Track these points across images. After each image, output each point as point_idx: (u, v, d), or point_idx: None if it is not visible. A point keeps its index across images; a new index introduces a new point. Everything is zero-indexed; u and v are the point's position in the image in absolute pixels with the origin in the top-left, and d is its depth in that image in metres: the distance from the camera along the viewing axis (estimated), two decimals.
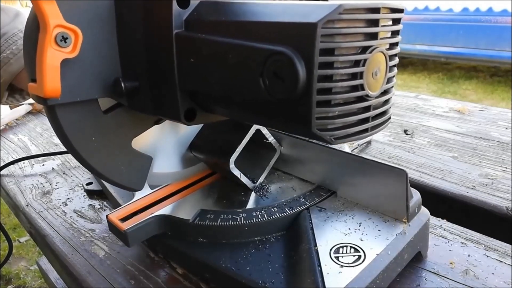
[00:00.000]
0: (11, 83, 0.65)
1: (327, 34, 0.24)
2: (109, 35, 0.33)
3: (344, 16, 0.24)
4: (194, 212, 0.39)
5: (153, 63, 0.33)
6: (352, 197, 0.41)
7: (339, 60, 0.25)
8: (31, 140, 0.81)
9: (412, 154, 0.60)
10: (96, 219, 0.51)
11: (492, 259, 0.38)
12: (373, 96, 0.27)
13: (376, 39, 0.27)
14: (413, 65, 3.88)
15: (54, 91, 0.29)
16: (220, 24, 0.29)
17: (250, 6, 0.29)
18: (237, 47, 0.27)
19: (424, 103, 0.82)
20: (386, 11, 0.27)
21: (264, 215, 0.38)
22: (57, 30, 0.28)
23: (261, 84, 0.26)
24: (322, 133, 0.26)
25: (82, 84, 0.33)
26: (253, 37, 0.27)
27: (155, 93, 0.34)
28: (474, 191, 0.50)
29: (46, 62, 0.28)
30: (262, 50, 0.26)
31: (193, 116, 0.34)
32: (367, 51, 0.26)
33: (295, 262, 0.34)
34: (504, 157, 0.57)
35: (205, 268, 0.37)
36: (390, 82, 0.30)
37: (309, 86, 0.24)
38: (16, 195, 0.60)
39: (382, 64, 0.28)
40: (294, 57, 0.24)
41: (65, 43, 0.29)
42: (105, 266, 0.42)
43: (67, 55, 0.29)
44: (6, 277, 1.59)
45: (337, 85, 0.25)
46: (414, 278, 0.36)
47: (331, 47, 0.24)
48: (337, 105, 0.26)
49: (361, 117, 0.27)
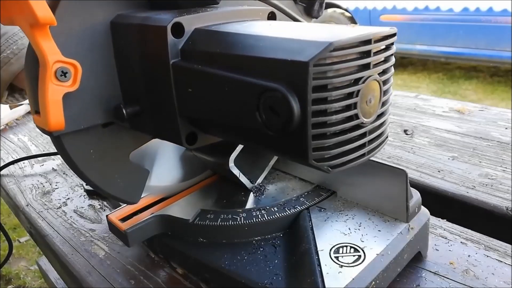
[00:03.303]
0: (11, 83, 0.65)
1: (318, 72, 0.24)
2: (107, 62, 0.34)
3: (335, 53, 0.24)
4: (194, 212, 0.40)
5: (152, 90, 0.33)
6: (352, 197, 0.41)
7: (332, 95, 0.25)
8: (31, 140, 0.81)
9: (412, 154, 0.60)
10: (96, 219, 0.51)
11: (492, 259, 0.38)
12: (368, 122, 0.28)
13: (369, 69, 0.27)
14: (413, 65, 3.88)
15: (58, 125, 0.30)
16: (215, 56, 0.29)
17: (243, 38, 0.29)
18: (233, 80, 0.28)
19: (424, 103, 0.82)
20: (378, 39, 0.27)
21: (264, 215, 0.38)
22: (57, 66, 0.28)
23: (258, 118, 0.27)
24: (319, 163, 0.26)
25: (85, 113, 0.33)
26: (247, 72, 0.27)
27: (156, 118, 0.34)
28: (474, 191, 0.49)
29: (48, 98, 0.29)
30: (256, 86, 0.26)
31: (195, 139, 0.34)
32: (360, 82, 0.26)
33: (295, 262, 0.34)
34: (504, 157, 0.57)
35: (205, 268, 0.37)
36: (385, 105, 0.29)
37: (304, 121, 0.25)
38: (16, 195, 0.60)
39: (376, 90, 0.28)
40: (288, 94, 0.24)
41: (65, 77, 0.29)
42: (105, 266, 0.42)
43: (68, 89, 0.30)
44: (6, 277, 1.59)
45: (332, 118, 0.25)
46: (414, 278, 0.36)
47: (324, 84, 0.24)
48: (332, 136, 0.26)
49: (357, 144, 0.28)
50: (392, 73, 0.30)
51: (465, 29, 3.11)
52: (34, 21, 0.26)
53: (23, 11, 0.27)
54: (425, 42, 3.36)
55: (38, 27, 0.27)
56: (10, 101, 0.70)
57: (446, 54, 3.37)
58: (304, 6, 0.48)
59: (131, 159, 0.38)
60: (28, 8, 0.26)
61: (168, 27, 0.30)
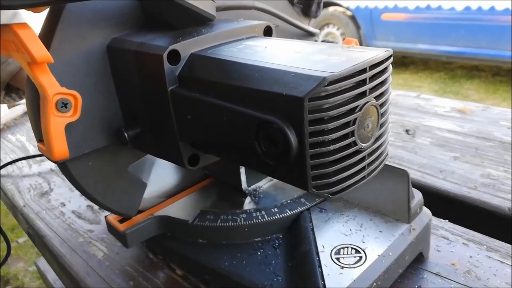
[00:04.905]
0: (8, 82, 0.65)
1: (314, 106, 0.24)
2: (106, 86, 0.34)
3: (330, 87, 0.24)
4: (194, 213, 0.39)
5: (152, 114, 0.34)
6: (353, 197, 0.41)
7: (329, 127, 0.25)
8: (29, 140, 0.81)
9: (414, 154, 0.60)
10: (94, 220, 0.51)
11: (494, 260, 0.38)
12: (367, 147, 0.28)
13: (365, 96, 0.26)
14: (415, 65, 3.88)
15: (62, 154, 0.31)
16: (212, 85, 0.29)
17: (239, 68, 0.28)
18: (230, 110, 0.28)
19: (426, 103, 0.82)
20: (373, 65, 0.26)
21: (265, 215, 0.38)
22: (57, 98, 0.29)
23: (257, 147, 0.27)
24: (320, 191, 0.26)
25: (87, 138, 0.34)
26: (244, 103, 0.27)
27: (157, 140, 0.35)
28: (476, 192, 0.49)
29: (51, 130, 0.29)
30: (253, 118, 0.26)
31: (197, 161, 0.34)
32: (356, 110, 0.26)
33: (295, 263, 0.34)
34: (506, 157, 0.57)
35: (205, 269, 0.37)
36: (383, 126, 0.29)
37: (302, 153, 0.25)
38: (14, 195, 0.60)
39: (374, 115, 0.27)
40: (285, 127, 0.24)
41: (66, 108, 0.30)
42: (104, 267, 0.42)
43: (69, 119, 0.30)
44: (4, 278, 1.59)
45: (330, 148, 0.25)
46: (416, 279, 0.36)
47: (320, 117, 0.24)
48: (331, 164, 0.26)
49: (357, 169, 0.27)
50: (390, 94, 0.29)
51: (467, 28, 3.11)
52: (31, 60, 0.27)
53: (19, 50, 0.27)
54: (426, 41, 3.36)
55: (36, 65, 0.28)
56: (7, 100, 0.70)
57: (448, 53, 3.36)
58: (302, 7, 0.48)
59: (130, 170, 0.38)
60: (25, 48, 0.27)
61: (164, 55, 0.30)
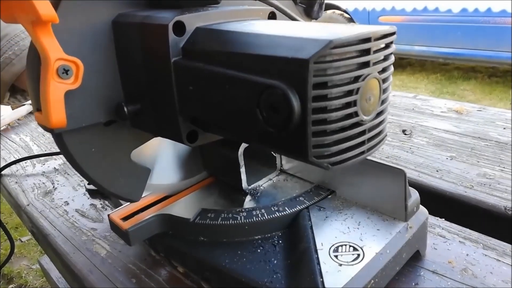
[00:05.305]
0: (13, 84, 0.65)
1: (319, 69, 0.24)
2: (109, 61, 0.34)
3: (335, 51, 0.24)
4: (195, 211, 0.40)
5: (153, 88, 0.34)
6: (351, 196, 0.41)
7: (332, 93, 0.25)
8: (33, 140, 0.82)
9: (411, 154, 0.61)
10: (97, 218, 0.52)
11: (490, 258, 0.39)
12: (368, 120, 0.28)
13: (369, 67, 0.27)
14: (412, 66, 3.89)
15: (60, 122, 0.30)
16: (216, 54, 0.30)
17: (244, 37, 0.29)
18: (233, 78, 0.28)
19: (423, 104, 0.83)
20: (377, 38, 0.27)
21: (264, 214, 0.39)
22: (58, 63, 0.28)
23: (259, 115, 0.27)
24: (319, 160, 0.26)
25: (86, 111, 0.33)
26: (247, 69, 0.27)
27: (157, 116, 0.35)
28: (472, 191, 0.50)
29: (50, 96, 0.29)
30: (257, 84, 0.26)
31: (195, 138, 0.34)
32: (359, 80, 0.26)
33: (295, 260, 0.35)
34: (502, 157, 0.58)
35: (206, 267, 0.38)
36: (384, 103, 0.30)
37: (304, 118, 0.25)
38: (18, 194, 0.60)
39: (376, 88, 0.28)
40: (288, 91, 0.24)
41: (66, 75, 0.29)
42: (107, 265, 0.43)
43: (69, 86, 0.30)
44: (7, 276, 1.59)
45: (332, 115, 0.25)
46: (413, 277, 0.37)
47: (324, 81, 0.25)
48: (332, 133, 0.26)
49: (357, 142, 0.28)
50: (392, 72, 0.30)
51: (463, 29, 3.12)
52: (36, 19, 0.26)
53: (25, 9, 0.27)
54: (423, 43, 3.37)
55: (40, 25, 0.27)
56: (12, 102, 0.70)
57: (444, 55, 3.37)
58: (304, 7, 0.48)
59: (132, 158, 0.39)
60: (30, 6, 0.26)
61: (169, 25, 0.30)
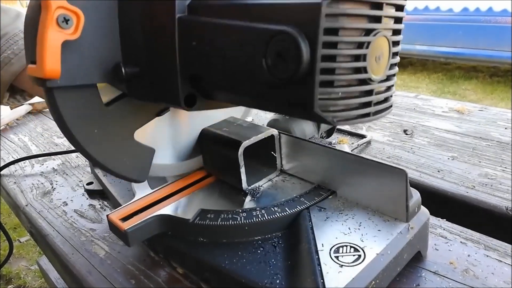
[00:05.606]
0: (12, 84, 0.65)
1: (331, 14, 0.24)
2: (111, 19, 0.33)
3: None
4: (195, 211, 0.40)
5: (155, 48, 0.33)
6: (352, 197, 0.41)
7: (343, 41, 0.25)
8: (32, 140, 0.81)
9: (412, 154, 0.60)
10: (96, 219, 0.51)
11: (492, 258, 0.38)
12: (376, 80, 0.27)
13: (380, 22, 0.26)
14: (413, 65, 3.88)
15: (54, 72, 0.29)
16: (223, 7, 0.29)
17: None
18: (241, 28, 0.27)
19: (424, 103, 0.83)
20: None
21: (264, 214, 0.38)
22: (59, 12, 0.28)
23: (264, 65, 0.26)
24: (324, 114, 0.26)
25: (82, 68, 0.32)
26: (256, 19, 0.27)
27: (156, 78, 0.34)
28: (473, 191, 0.50)
29: (47, 42, 0.28)
30: (266, 30, 0.26)
31: (193, 101, 0.34)
32: (370, 34, 0.26)
33: (295, 261, 0.34)
34: (503, 157, 0.57)
35: (205, 268, 0.37)
36: (393, 68, 0.29)
37: (312, 66, 0.24)
38: (16, 195, 0.60)
39: (385, 49, 0.28)
40: (298, 36, 0.24)
41: (66, 24, 0.28)
42: (106, 265, 0.42)
43: (68, 36, 0.29)
44: (6, 277, 1.59)
45: (340, 66, 0.25)
46: (414, 278, 0.37)
47: (335, 27, 0.24)
48: (339, 87, 0.26)
49: (363, 101, 0.27)
50: (401, 38, 0.30)
51: (464, 29, 3.12)
52: None
53: None
54: (424, 42, 3.37)
55: None
56: (11, 102, 0.70)
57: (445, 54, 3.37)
58: None
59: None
60: None
61: None
